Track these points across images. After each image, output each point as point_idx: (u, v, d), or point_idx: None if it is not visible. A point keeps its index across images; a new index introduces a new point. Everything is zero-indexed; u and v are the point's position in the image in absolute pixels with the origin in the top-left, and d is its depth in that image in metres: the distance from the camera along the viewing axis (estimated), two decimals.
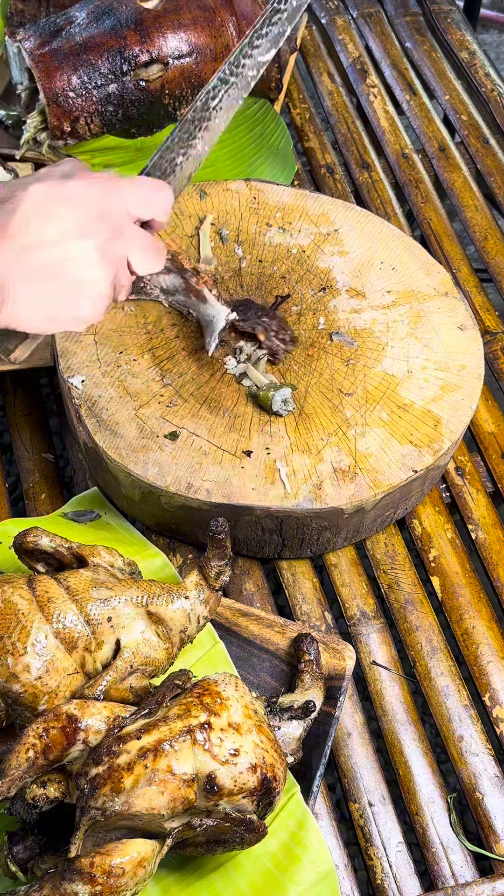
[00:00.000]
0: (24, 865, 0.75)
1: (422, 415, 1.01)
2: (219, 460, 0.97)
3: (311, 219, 1.18)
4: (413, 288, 1.12)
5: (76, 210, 0.75)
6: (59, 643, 0.79)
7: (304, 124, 1.47)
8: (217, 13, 1.26)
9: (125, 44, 1.20)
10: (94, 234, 0.76)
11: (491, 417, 1.15)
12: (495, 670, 0.97)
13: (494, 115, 1.49)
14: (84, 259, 0.75)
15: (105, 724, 0.74)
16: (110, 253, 0.77)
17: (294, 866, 0.81)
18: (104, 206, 0.77)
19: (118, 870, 0.70)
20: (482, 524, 1.07)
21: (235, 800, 0.73)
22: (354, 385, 1.03)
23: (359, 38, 1.61)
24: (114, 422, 0.99)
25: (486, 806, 0.90)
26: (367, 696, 0.97)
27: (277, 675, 0.92)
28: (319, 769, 0.86)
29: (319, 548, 1.01)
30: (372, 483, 0.96)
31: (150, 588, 0.84)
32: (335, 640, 0.93)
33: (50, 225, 0.74)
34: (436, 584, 1.03)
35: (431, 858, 0.88)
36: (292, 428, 1.00)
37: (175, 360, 1.05)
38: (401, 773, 0.92)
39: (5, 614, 0.78)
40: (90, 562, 0.85)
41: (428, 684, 0.96)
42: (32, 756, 0.73)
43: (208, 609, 0.87)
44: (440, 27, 1.62)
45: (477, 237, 1.34)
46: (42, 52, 1.19)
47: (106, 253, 0.76)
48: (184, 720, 0.73)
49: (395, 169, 1.42)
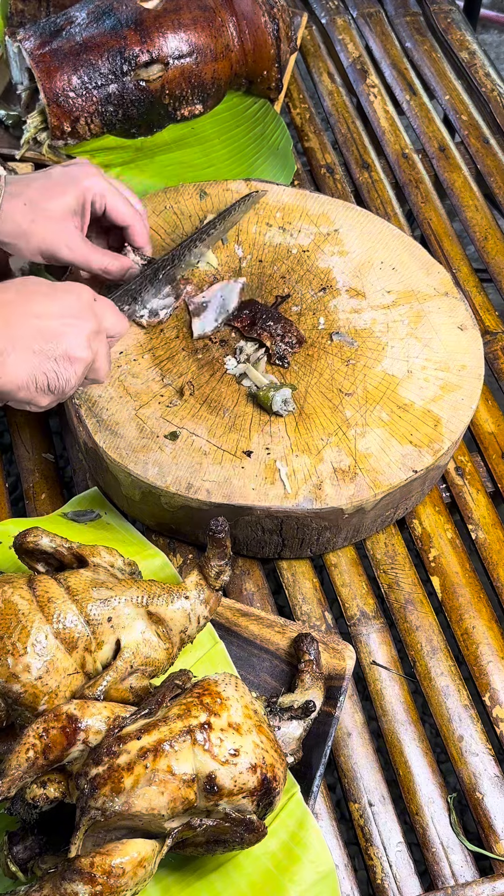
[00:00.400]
0: (24, 865, 0.75)
1: (422, 415, 1.01)
2: (219, 460, 0.97)
3: (311, 219, 1.18)
4: (413, 288, 1.12)
5: (75, 299, 0.89)
6: (59, 643, 0.79)
7: (304, 124, 1.47)
8: (217, 13, 1.26)
9: (125, 44, 1.20)
10: (87, 321, 0.89)
11: (491, 417, 1.15)
12: (495, 670, 0.97)
13: (494, 115, 1.49)
14: (75, 337, 0.87)
15: (105, 724, 0.74)
16: (93, 343, 0.89)
17: (294, 866, 0.81)
18: (92, 305, 0.90)
19: (118, 870, 0.70)
20: (482, 524, 1.07)
21: (235, 800, 0.73)
22: (354, 385, 1.03)
23: (359, 38, 1.61)
24: (114, 422, 0.99)
25: (486, 806, 0.90)
26: (367, 696, 0.97)
27: (277, 675, 0.92)
28: (319, 769, 0.86)
29: (319, 548, 1.01)
30: (372, 483, 0.96)
31: (151, 588, 0.84)
32: (335, 640, 0.93)
33: (53, 302, 0.87)
34: (436, 584, 1.03)
35: (431, 858, 0.88)
36: (292, 428, 1.00)
37: (175, 360, 1.05)
38: (401, 773, 0.92)
39: (5, 614, 0.78)
40: (90, 562, 0.85)
41: (428, 684, 0.96)
42: (32, 756, 0.73)
43: (208, 609, 0.87)
44: (440, 27, 1.62)
45: (477, 237, 1.34)
46: (42, 52, 1.19)
47: (90, 341, 0.89)
48: (184, 720, 0.73)
49: (395, 169, 1.42)
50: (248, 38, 1.29)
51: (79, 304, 0.89)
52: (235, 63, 1.30)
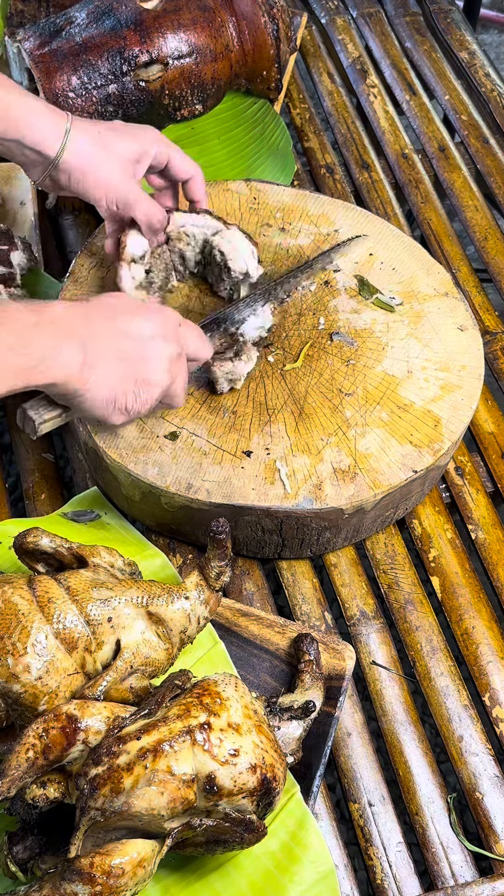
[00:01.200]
0: (24, 865, 0.75)
1: (422, 415, 1.01)
2: (219, 460, 0.97)
3: (311, 219, 1.18)
4: (413, 288, 1.12)
5: (163, 322, 0.89)
6: (59, 643, 0.79)
7: (304, 124, 1.47)
8: (217, 13, 1.26)
9: (125, 44, 1.20)
10: (170, 345, 0.88)
11: (491, 417, 1.15)
12: (495, 670, 0.97)
13: (494, 115, 1.49)
14: (157, 359, 0.87)
15: (105, 725, 0.74)
16: (172, 366, 0.89)
17: (294, 866, 0.81)
18: (177, 330, 0.91)
19: (118, 870, 0.70)
20: (482, 524, 1.07)
21: (235, 800, 0.73)
22: (354, 385, 1.03)
23: (359, 38, 1.61)
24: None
25: (485, 806, 0.90)
26: (367, 696, 0.97)
27: (277, 675, 0.92)
28: (319, 769, 0.86)
29: (319, 548, 1.01)
30: (372, 483, 0.96)
31: (151, 588, 0.84)
32: (335, 640, 0.93)
33: (140, 322, 0.88)
34: (436, 584, 1.03)
35: (431, 858, 0.88)
36: (292, 428, 1.00)
37: None
38: (401, 773, 0.92)
39: (5, 614, 0.78)
40: (90, 562, 0.85)
41: (428, 684, 0.96)
42: (32, 756, 0.73)
43: (208, 609, 0.87)
44: (440, 27, 1.62)
45: (477, 237, 1.34)
46: (42, 53, 1.19)
47: (171, 363, 0.89)
48: (183, 720, 0.73)
49: (395, 169, 1.42)
50: (247, 38, 1.29)
51: (164, 326, 0.89)
52: (235, 63, 1.30)
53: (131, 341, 0.86)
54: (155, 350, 0.88)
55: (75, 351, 0.81)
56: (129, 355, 0.86)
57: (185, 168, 1.06)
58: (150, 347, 0.87)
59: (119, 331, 0.86)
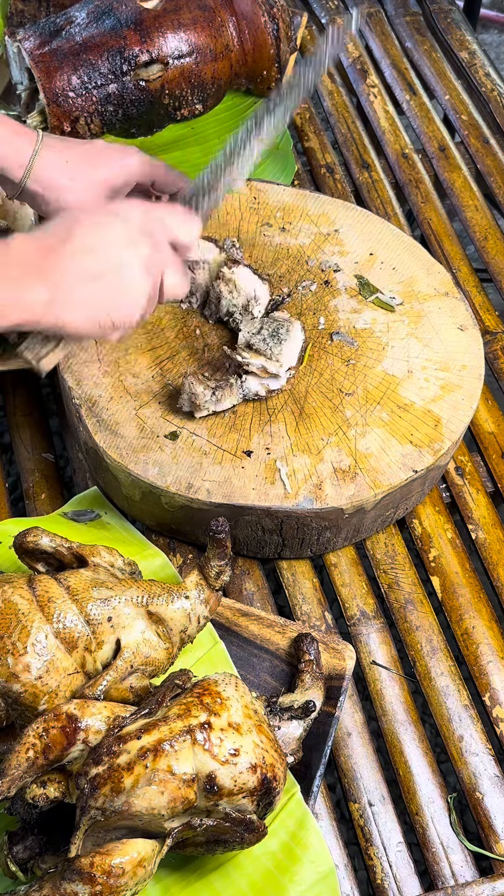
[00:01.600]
0: (24, 865, 0.75)
1: (422, 415, 1.01)
2: (219, 460, 0.97)
3: (311, 219, 1.18)
4: (413, 288, 1.12)
5: (123, 223, 0.83)
6: (59, 643, 0.79)
7: (304, 124, 1.47)
8: (217, 13, 1.26)
9: (125, 44, 1.20)
10: (139, 246, 0.83)
11: (491, 417, 1.15)
12: (495, 670, 0.97)
13: (494, 115, 1.49)
14: (129, 265, 0.83)
15: (105, 724, 0.74)
16: (151, 265, 0.84)
17: (294, 866, 0.81)
18: (146, 223, 0.84)
19: (118, 870, 0.70)
20: (482, 524, 1.07)
21: (235, 800, 0.73)
22: (354, 385, 1.03)
23: (359, 38, 1.61)
24: (114, 422, 0.99)
25: (486, 806, 0.90)
26: (367, 696, 0.97)
27: (277, 675, 0.92)
28: (319, 769, 0.86)
29: (319, 548, 1.01)
30: (372, 483, 0.96)
31: (151, 588, 0.84)
32: (335, 640, 0.93)
33: (100, 234, 0.82)
34: (436, 584, 1.03)
35: (431, 858, 0.88)
36: (292, 428, 1.00)
37: (175, 361, 1.05)
38: (401, 773, 0.92)
39: (5, 614, 0.78)
40: (90, 562, 0.85)
41: (428, 684, 0.96)
42: (32, 756, 0.73)
43: (208, 609, 0.87)
44: (440, 27, 1.62)
45: (477, 237, 1.34)
46: (42, 52, 1.19)
47: (148, 264, 0.84)
48: (184, 720, 0.73)
49: (395, 169, 1.42)
50: (247, 38, 1.29)
51: (125, 229, 0.84)
52: (235, 63, 1.30)
53: (95, 256, 0.82)
54: (123, 256, 0.83)
55: (39, 290, 0.79)
56: (97, 271, 0.82)
57: (171, 182, 1.03)
58: (116, 257, 0.83)
59: (80, 249, 0.82)
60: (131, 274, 0.84)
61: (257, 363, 0.98)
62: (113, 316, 0.83)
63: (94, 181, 0.97)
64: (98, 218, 0.84)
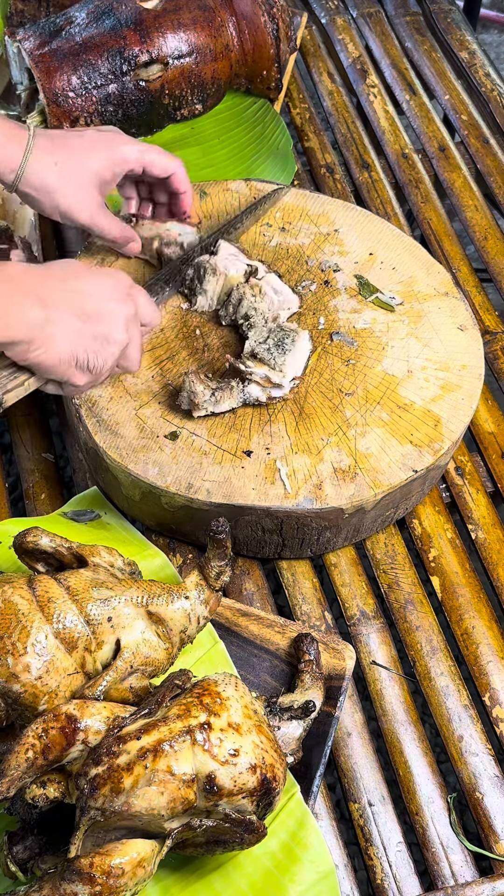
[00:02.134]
0: (24, 865, 0.75)
1: (422, 415, 1.01)
2: (219, 460, 0.97)
3: (311, 219, 1.18)
4: (413, 288, 1.12)
5: (115, 281, 0.91)
6: (59, 643, 0.79)
7: (304, 124, 1.47)
8: (217, 13, 1.26)
9: (125, 44, 1.20)
10: (126, 304, 0.89)
11: (491, 417, 1.15)
12: (495, 670, 0.97)
13: (494, 115, 1.49)
14: (116, 317, 0.88)
15: (105, 725, 0.74)
16: (130, 325, 0.90)
17: (294, 866, 0.81)
18: (131, 287, 0.92)
19: (118, 870, 0.70)
20: (482, 524, 1.07)
21: (235, 800, 0.73)
22: (354, 385, 1.03)
23: (359, 38, 1.61)
24: (114, 422, 0.99)
25: (486, 806, 0.90)
26: (367, 696, 0.97)
27: (277, 675, 0.92)
28: (319, 769, 0.86)
29: (319, 548, 1.01)
30: (372, 483, 0.96)
31: (151, 588, 0.84)
32: (335, 640, 0.93)
33: (94, 282, 0.89)
34: (436, 584, 1.03)
35: (431, 858, 0.88)
36: (292, 428, 1.00)
37: (175, 361, 1.05)
38: (401, 773, 0.92)
39: (5, 614, 0.78)
40: (90, 562, 0.85)
41: (428, 684, 0.96)
42: (32, 756, 0.73)
43: (208, 609, 0.87)
44: (440, 27, 1.62)
45: (477, 237, 1.34)
46: (42, 52, 1.19)
47: (128, 323, 0.89)
48: (183, 720, 0.73)
49: (395, 169, 1.42)
50: (247, 38, 1.29)
51: (118, 288, 0.90)
52: (235, 63, 1.30)
53: (87, 299, 0.87)
54: (111, 308, 0.88)
55: (36, 308, 0.82)
56: (86, 313, 0.86)
57: (163, 165, 1.05)
58: (106, 306, 0.88)
59: (75, 290, 0.87)
60: (116, 325, 0.88)
61: (261, 373, 0.99)
62: (90, 358, 0.87)
63: (85, 179, 0.99)
64: (96, 272, 0.90)
